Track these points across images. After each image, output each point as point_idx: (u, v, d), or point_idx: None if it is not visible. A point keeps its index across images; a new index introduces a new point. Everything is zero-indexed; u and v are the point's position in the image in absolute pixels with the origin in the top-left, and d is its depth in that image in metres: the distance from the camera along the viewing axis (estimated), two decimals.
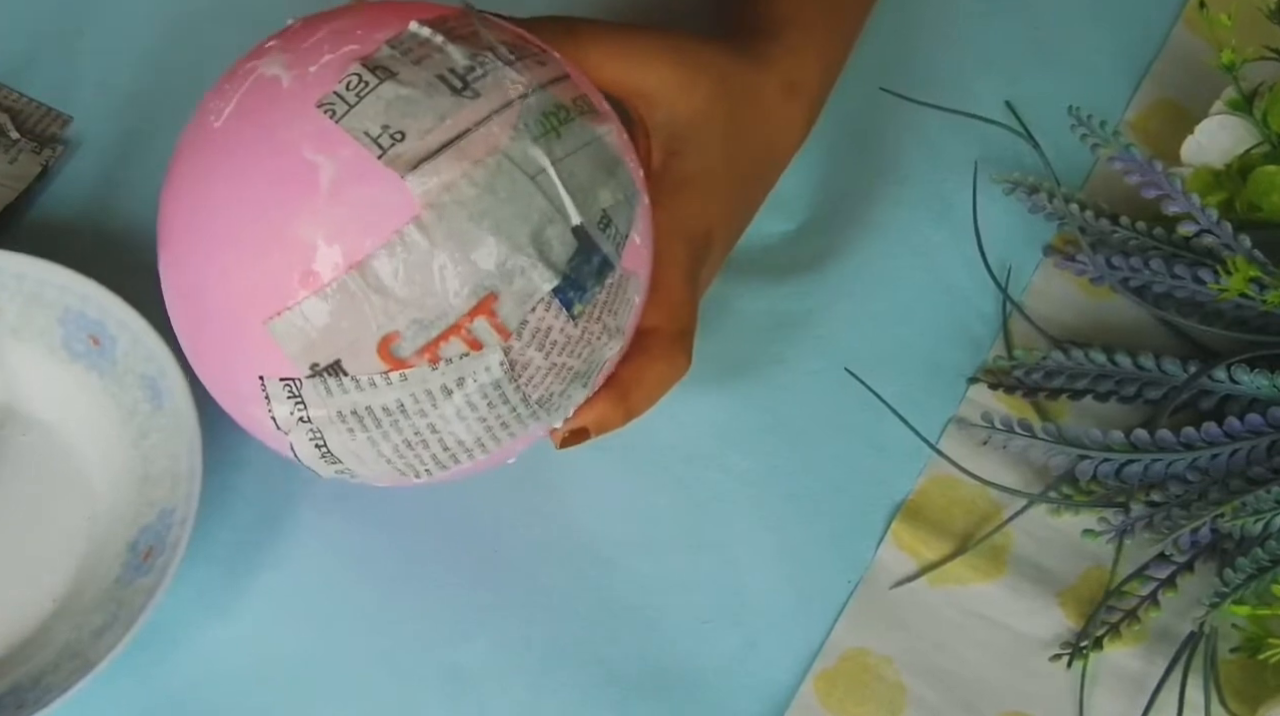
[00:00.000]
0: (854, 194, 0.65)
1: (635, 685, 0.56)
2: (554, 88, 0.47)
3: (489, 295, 0.45)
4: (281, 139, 0.45)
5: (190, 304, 0.48)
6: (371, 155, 0.44)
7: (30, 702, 0.52)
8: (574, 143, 0.46)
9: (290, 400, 0.46)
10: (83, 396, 0.58)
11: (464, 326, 0.45)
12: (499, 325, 0.45)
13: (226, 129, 0.46)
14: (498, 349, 0.45)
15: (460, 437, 0.47)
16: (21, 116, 0.65)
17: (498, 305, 0.45)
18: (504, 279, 0.45)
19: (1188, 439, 0.57)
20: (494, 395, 0.46)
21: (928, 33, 0.69)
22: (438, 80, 0.45)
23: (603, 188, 0.47)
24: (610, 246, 0.47)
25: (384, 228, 0.44)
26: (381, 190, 0.44)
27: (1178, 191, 0.58)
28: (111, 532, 0.56)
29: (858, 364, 0.61)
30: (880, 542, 0.59)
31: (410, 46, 0.46)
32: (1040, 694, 0.57)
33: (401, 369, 0.45)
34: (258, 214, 0.45)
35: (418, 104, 0.45)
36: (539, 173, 0.45)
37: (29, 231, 0.63)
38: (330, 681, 0.56)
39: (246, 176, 0.45)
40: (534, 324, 0.46)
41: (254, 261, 0.45)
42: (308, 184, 0.44)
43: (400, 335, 0.45)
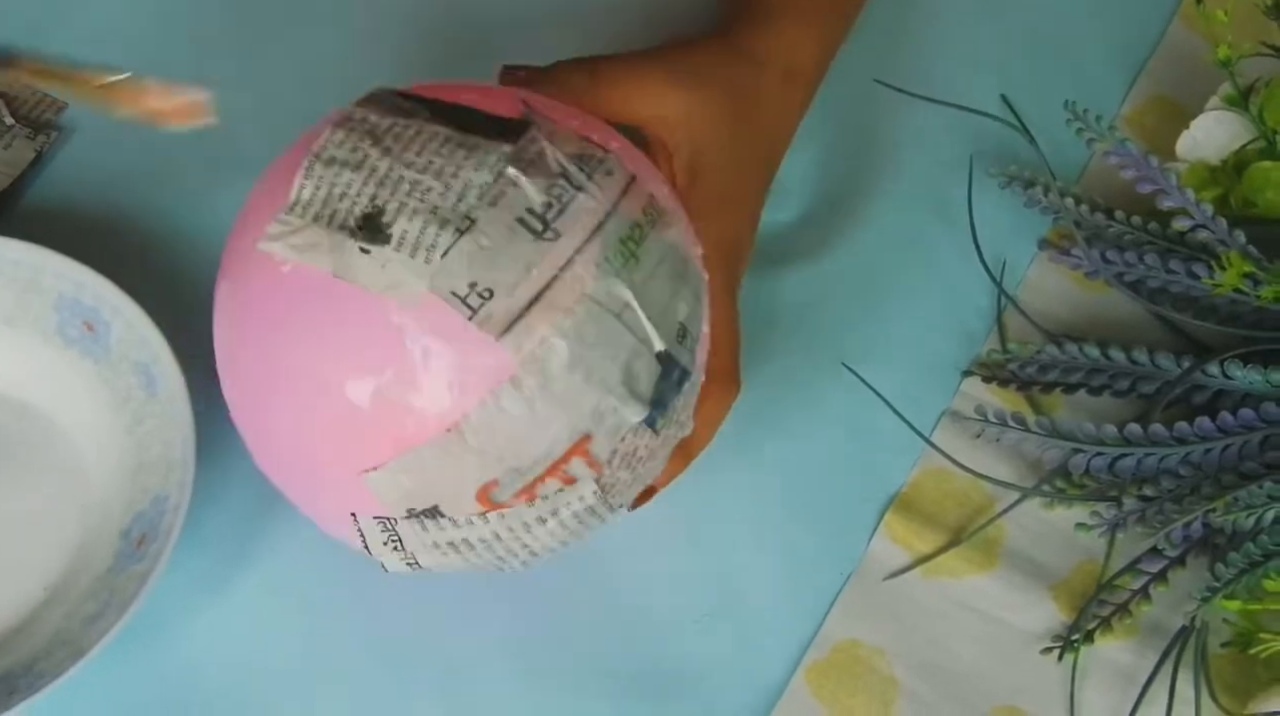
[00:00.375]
0: (849, 188, 0.65)
1: (629, 678, 0.56)
2: (625, 203, 0.46)
3: (583, 437, 0.45)
4: (363, 300, 0.44)
5: (273, 441, 0.48)
6: (461, 318, 0.43)
7: (22, 689, 0.52)
8: (651, 262, 0.46)
9: (384, 533, 0.47)
10: (77, 383, 0.58)
11: (560, 468, 0.45)
12: (592, 462, 0.46)
13: (299, 277, 0.45)
14: (591, 481, 0.46)
15: (549, 546, 0.48)
16: (16, 102, 0.65)
17: (591, 445, 0.45)
18: (596, 420, 0.45)
19: (1181, 433, 0.57)
20: (586, 516, 0.47)
21: (924, 27, 0.69)
22: (518, 224, 0.44)
23: (679, 300, 0.47)
24: (688, 356, 0.47)
25: (478, 387, 0.44)
26: (474, 353, 0.44)
27: (1173, 186, 0.58)
28: (105, 519, 0.56)
29: (852, 357, 0.61)
30: (873, 535, 0.59)
31: (484, 183, 0.45)
32: (1031, 686, 0.57)
33: (499, 510, 0.46)
34: (342, 377, 0.44)
35: (501, 255, 0.44)
36: (624, 309, 0.45)
37: (23, 217, 0.63)
38: (323, 670, 0.56)
39: (327, 339, 0.44)
40: (623, 450, 0.46)
41: (345, 420, 0.44)
42: (397, 349, 0.44)
43: (498, 483, 0.45)
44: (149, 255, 0.62)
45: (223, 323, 0.49)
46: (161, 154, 0.64)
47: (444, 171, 0.45)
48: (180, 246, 0.62)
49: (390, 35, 0.67)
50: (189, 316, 0.60)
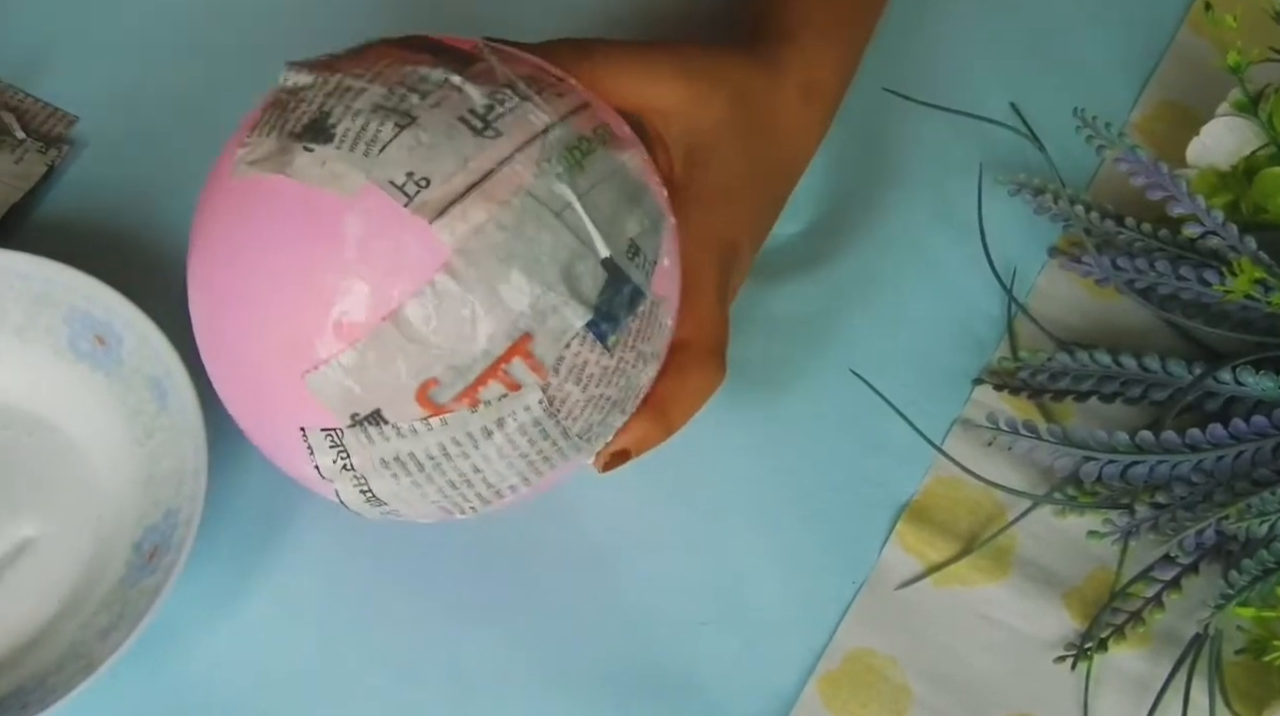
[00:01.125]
0: (859, 196, 0.65)
1: (637, 687, 0.56)
2: (574, 119, 0.47)
3: (524, 336, 0.45)
4: (306, 199, 0.45)
5: (224, 359, 0.48)
6: (397, 204, 0.44)
7: (34, 703, 0.52)
8: (598, 174, 0.46)
9: (333, 450, 0.47)
10: (88, 396, 0.58)
11: (501, 368, 0.45)
12: (535, 364, 0.45)
13: (249, 186, 0.46)
14: (536, 388, 0.46)
15: (503, 474, 0.48)
16: (27, 116, 0.65)
17: (533, 345, 0.45)
18: (537, 318, 0.45)
19: (1193, 441, 0.57)
20: (534, 432, 0.47)
21: (933, 34, 0.69)
22: (458, 122, 0.45)
23: (629, 217, 0.47)
24: (640, 275, 0.47)
25: (415, 276, 0.44)
26: (410, 238, 0.44)
27: (1183, 193, 0.58)
28: (117, 533, 0.57)
29: (862, 365, 0.61)
30: (885, 544, 0.59)
31: (428, 89, 0.46)
32: (1045, 695, 0.57)
33: (441, 414, 0.45)
34: (286, 269, 0.45)
35: (440, 148, 0.45)
36: (565, 208, 0.45)
37: (35, 231, 0.63)
38: (333, 681, 0.56)
39: (271, 232, 0.45)
40: (570, 360, 0.46)
41: (286, 317, 0.45)
42: (335, 236, 0.44)
43: (438, 381, 0.45)
44: (160, 268, 0.62)
45: (191, 251, 0.49)
46: (173, 167, 0.64)
47: (389, 78, 0.46)
48: None
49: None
50: None
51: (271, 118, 0.47)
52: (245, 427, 0.50)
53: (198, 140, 0.65)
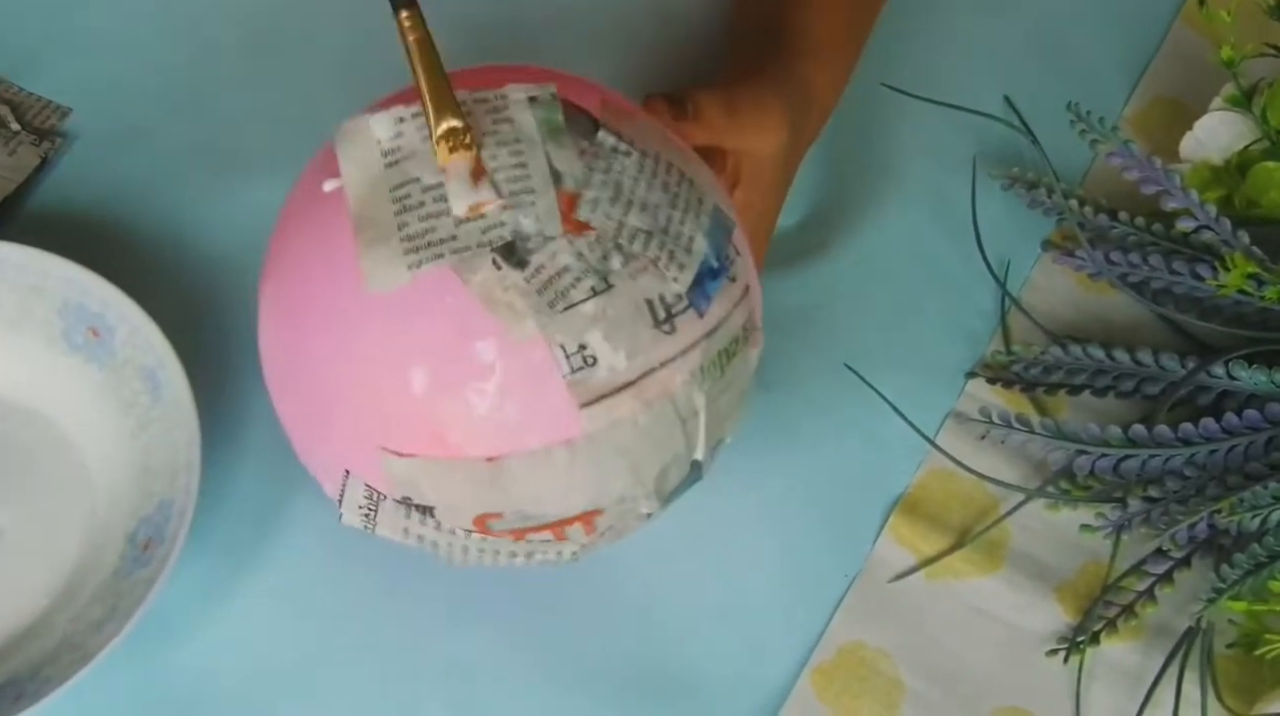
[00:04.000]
0: (853, 190, 0.65)
1: (634, 679, 0.56)
2: (734, 315, 0.47)
3: (595, 511, 0.46)
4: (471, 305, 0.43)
5: (304, 372, 0.47)
6: (557, 370, 0.43)
7: (29, 694, 0.52)
8: (730, 378, 0.47)
9: (366, 501, 0.47)
10: (82, 388, 0.58)
11: (561, 527, 0.46)
12: (590, 529, 0.46)
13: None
14: (577, 544, 0.47)
15: (492, 564, 0.49)
16: (21, 109, 0.65)
17: (599, 518, 0.46)
18: (615, 502, 0.46)
19: (1185, 434, 0.57)
20: (548, 562, 0.48)
21: (928, 29, 0.69)
22: (645, 307, 0.44)
23: (734, 417, 0.48)
24: (711, 460, 0.48)
25: (533, 436, 0.43)
26: (550, 402, 0.43)
27: (1176, 187, 0.58)
28: (110, 524, 0.56)
29: (856, 359, 0.61)
30: (878, 537, 0.59)
31: (633, 253, 0.44)
32: (1037, 688, 0.57)
33: (487, 536, 0.46)
34: (425, 350, 0.43)
35: (620, 333, 0.43)
36: (691, 417, 0.45)
37: (29, 223, 0.63)
38: (327, 673, 0.56)
39: (409, 314, 0.43)
40: (617, 526, 0.47)
41: (398, 390, 0.44)
42: (484, 368, 0.43)
43: (502, 516, 0.45)
44: (153, 260, 0.62)
45: (291, 241, 0.47)
46: (165, 160, 0.64)
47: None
48: (184, 251, 0.63)
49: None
50: (193, 321, 0.60)
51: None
52: (287, 417, 0.49)
53: (190, 133, 0.65)
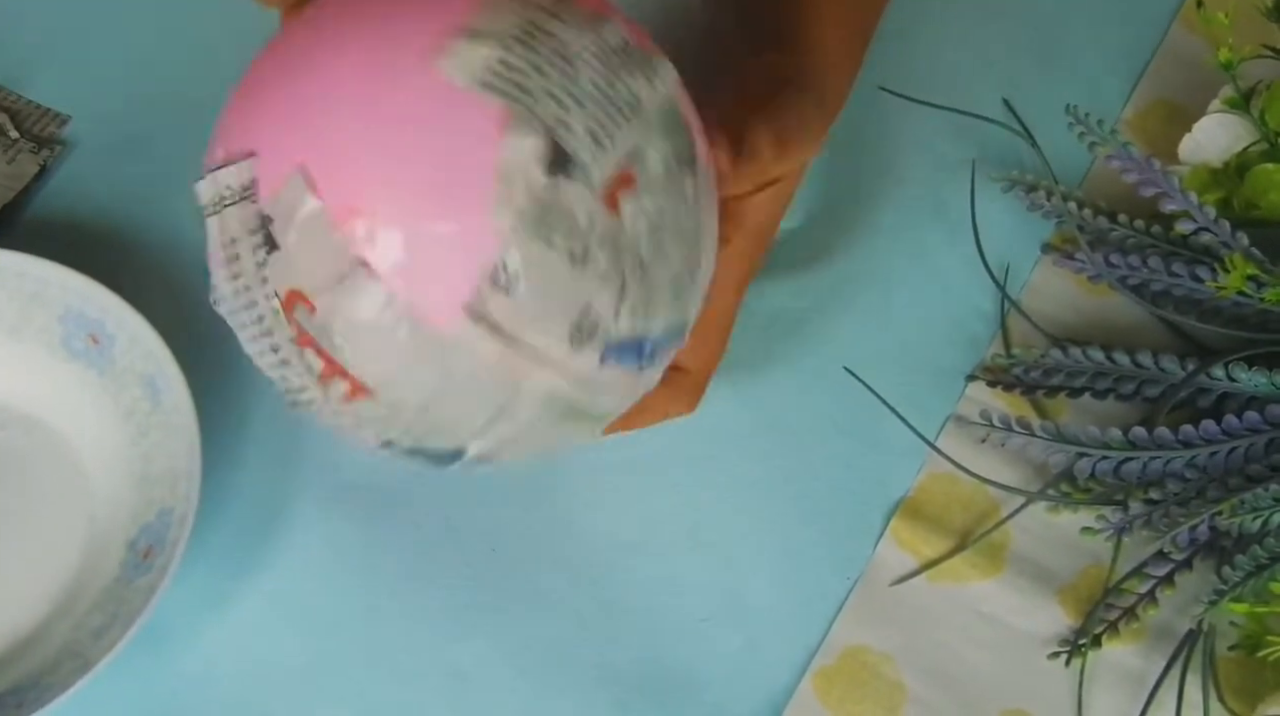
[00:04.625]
0: (852, 193, 0.65)
1: (635, 684, 0.56)
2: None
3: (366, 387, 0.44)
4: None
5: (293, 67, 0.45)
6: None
7: (30, 702, 0.52)
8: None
9: (230, 192, 0.44)
10: (82, 395, 0.58)
11: (333, 373, 0.44)
12: (351, 391, 0.44)
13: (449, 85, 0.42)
14: (338, 394, 0.45)
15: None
16: (20, 116, 0.65)
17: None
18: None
19: (1186, 437, 0.57)
20: (299, 393, 0.46)
21: (926, 32, 0.69)
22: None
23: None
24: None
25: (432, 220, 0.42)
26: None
27: (1175, 189, 0.58)
28: (111, 532, 0.56)
29: (856, 362, 0.61)
30: (879, 540, 0.59)
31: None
32: (1039, 691, 0.57)
33: (281, 315, 0.44)
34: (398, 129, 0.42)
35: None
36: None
37: (28, 231, 0.63)
38: (329, 680, 0.56)
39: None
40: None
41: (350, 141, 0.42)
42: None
43: (314, 311, 0.43)
44: (153, 267, 0.62)
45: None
46: (165, 167, 0.64)
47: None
48: (184, 258, 0.63)
49: None
50: (193, 328, 0.60)
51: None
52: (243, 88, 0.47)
53: (189, 140, 0.65)
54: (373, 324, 0.42)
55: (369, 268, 0.42)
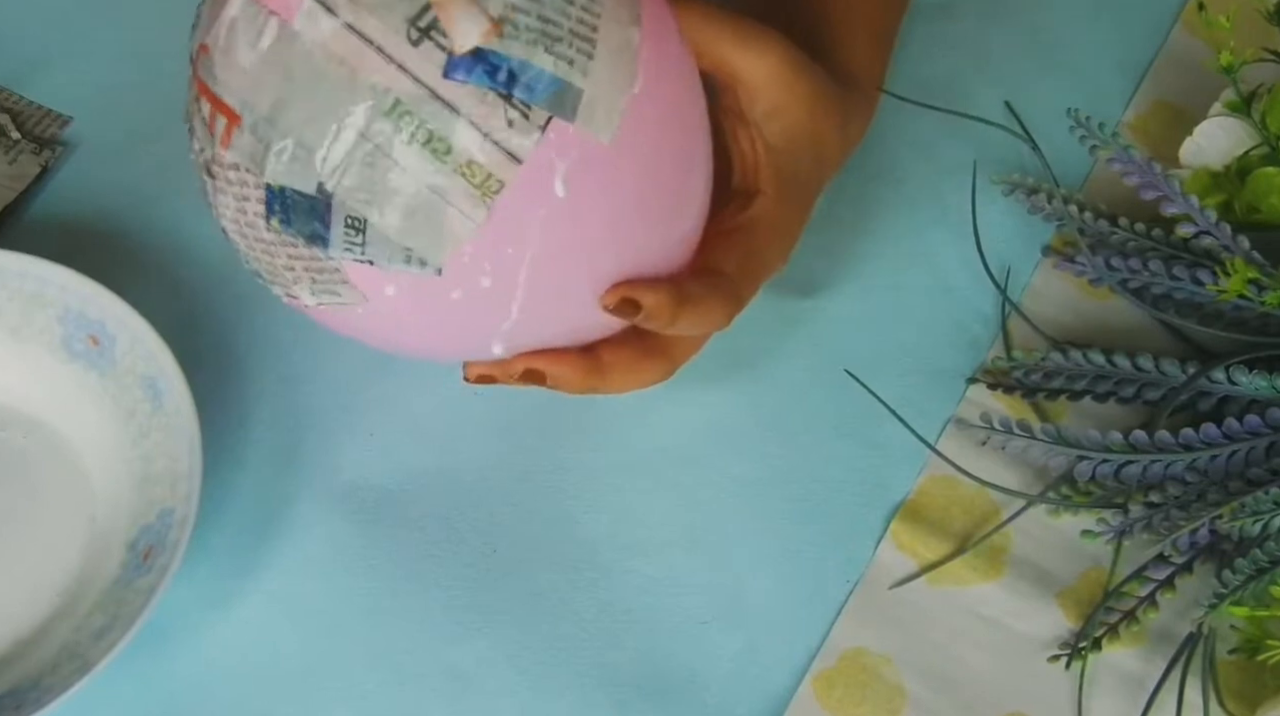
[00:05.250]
0: (853, 195, 0.65)
1: (634, 686, 0.56)
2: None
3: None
4: None
5: None
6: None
7: (30, 703, 0.52)
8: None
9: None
10: (82, 396, 0.58)
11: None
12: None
13: None
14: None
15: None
16: (22, 117, 0.65)
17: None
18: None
19: (1186, 440, 0.57)
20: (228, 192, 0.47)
21: (928, 34, 0.69)
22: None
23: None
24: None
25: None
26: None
27: (1176, 193, 0.58)
28: (111, 533, 0.57)
29: (857, 364, 0.62)
30: (879, 543, 0.59)
31: None
32: (1039, 694, 0.57)
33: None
34: None
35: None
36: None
37: (29, 232, 0.63)
38: (330, 682, 0.56)
39: None
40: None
41: None
42: None
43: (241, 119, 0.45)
44: (154, 268, 0.62)
45: None
46: (165, 168, 0.64)
47: None
48: (185, 259, 0.63)
49: None
50: (194, 329, 0.60)
51: None
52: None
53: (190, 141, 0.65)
54: (237, 32, 0.45)
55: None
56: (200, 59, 0.46)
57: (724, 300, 0.51)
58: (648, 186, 0.47)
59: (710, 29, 0.51)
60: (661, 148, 0.47)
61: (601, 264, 0.48)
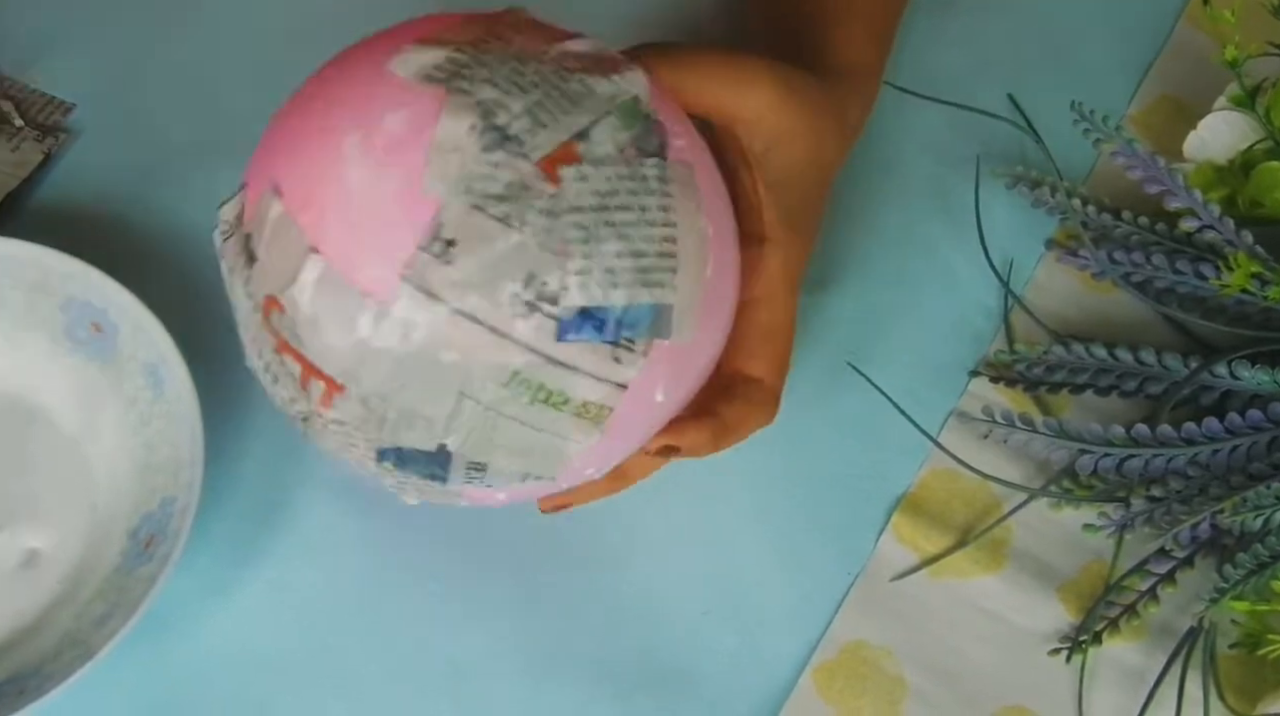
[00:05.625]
0: (857, 188, 0.65)
1: (636, 678, 0.56)
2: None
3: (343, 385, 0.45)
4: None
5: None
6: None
7: (31, 690, 0.52)
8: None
9: (226, 225, 0.47)
10: (85, 384, 0.58)
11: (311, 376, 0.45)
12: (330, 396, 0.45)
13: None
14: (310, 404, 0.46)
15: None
16: (25, 105, 0.65)
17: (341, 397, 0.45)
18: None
19: (1188, 434, 0.57)
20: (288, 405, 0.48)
21: (931, 28, 0.69)
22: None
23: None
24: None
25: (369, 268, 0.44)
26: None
27: (1180, 187, 0.58)
28: (113, 521, 0.56)
29: (859, 357, 0.62)
30: (880, 535, 0.59)
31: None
32: (1040, 687, 0.57)
33: (265, 326, 0.46)
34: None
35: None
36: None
37: (32, 219, 0.63)
38: (330, 671, 0.56)
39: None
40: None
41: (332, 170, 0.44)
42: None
43: (286, 312, 0.45)
44: (156, 256, 0.62)
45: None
46: (169, 155, 0.64)
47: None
48: (188, 247, 0.63)
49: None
50: (196, 317, 0.60)
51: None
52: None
53: (194, 129, 0.65)
54: (324, 306, 0.44)
55: (318, 252, 0.44)
56: (271, 312, 0.45)
57: (763, 409, 0.53)
58: (714, 334, 0.49)
59: (698, 74, 0.51)
60: (723, 298, 0.49)
61: (676, 409, 0.49)
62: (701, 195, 0.47)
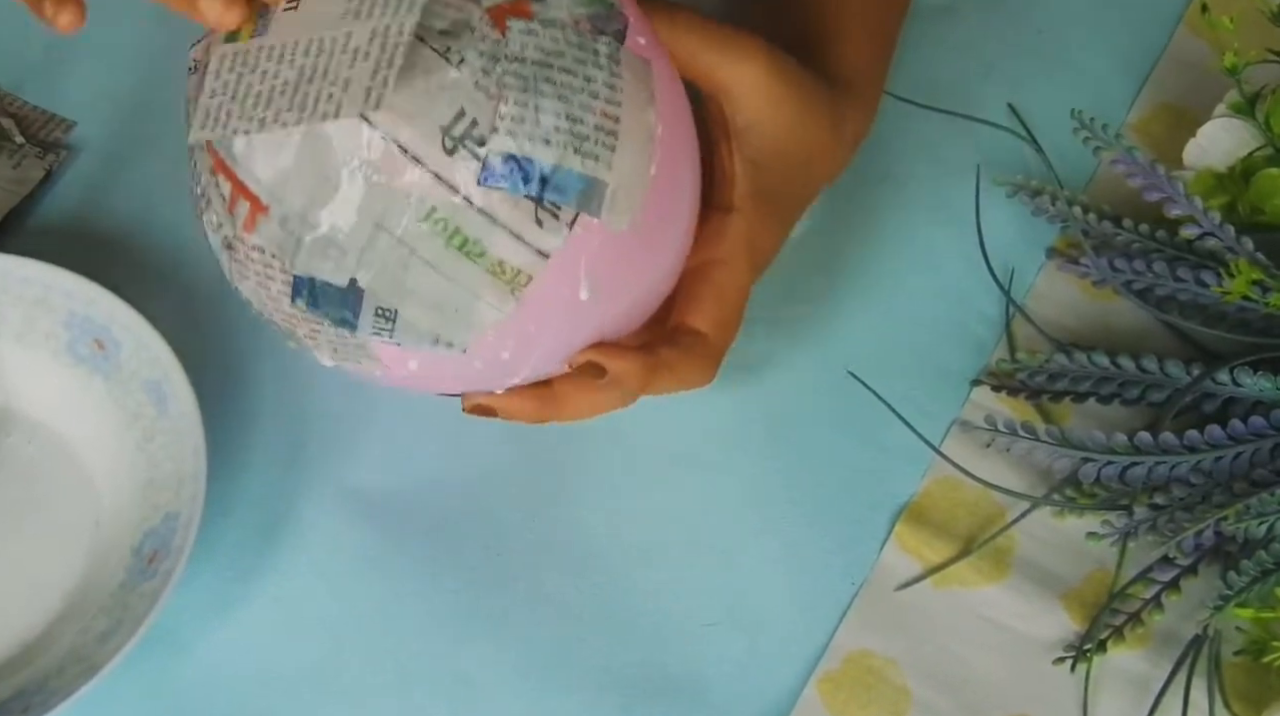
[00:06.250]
0: (857, 197, 0.65)
1: (639, 688, 0.56)
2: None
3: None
4: None
5: None
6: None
7: (35, 706, 0.52)
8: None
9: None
10: (87, 401, 0.59)
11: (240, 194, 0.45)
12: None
13: None
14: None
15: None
16: (26, 122, 0.65)
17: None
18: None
19: (1191, 442, 0.57)
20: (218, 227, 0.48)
21: (931, 36, 0.69)
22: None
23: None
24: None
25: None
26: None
27: (1180, 194, 0.58)
28: (116, 536, 0.57)
29: (861, 366, 0.61)
30: (884, 545, 0.59)
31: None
32: (1044, 696, 0.57)
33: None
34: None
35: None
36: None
37: (33, 236, 0.63)
38: (334, 685, 0.56)
39: None
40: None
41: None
42: None
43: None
44: (158, 272, 0.63)
45: None
46: (169, 172, 0.64)
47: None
48: (189, 263, 0.63)
49: None
50: (198, 333, 0.60)
51: None
52: None
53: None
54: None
55: None
56: None
57: (701, 363, 0.52)
58: (656, 255, 0.49)
59: (694, 38, 0.51)
60: (668, 216, 0.49)
61: (608, 324, 0.49)
62: (655, 94, 0.47)
